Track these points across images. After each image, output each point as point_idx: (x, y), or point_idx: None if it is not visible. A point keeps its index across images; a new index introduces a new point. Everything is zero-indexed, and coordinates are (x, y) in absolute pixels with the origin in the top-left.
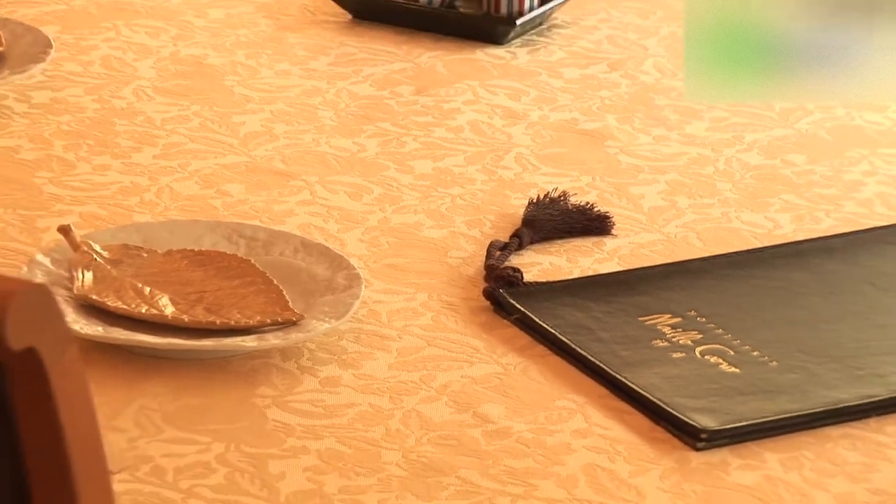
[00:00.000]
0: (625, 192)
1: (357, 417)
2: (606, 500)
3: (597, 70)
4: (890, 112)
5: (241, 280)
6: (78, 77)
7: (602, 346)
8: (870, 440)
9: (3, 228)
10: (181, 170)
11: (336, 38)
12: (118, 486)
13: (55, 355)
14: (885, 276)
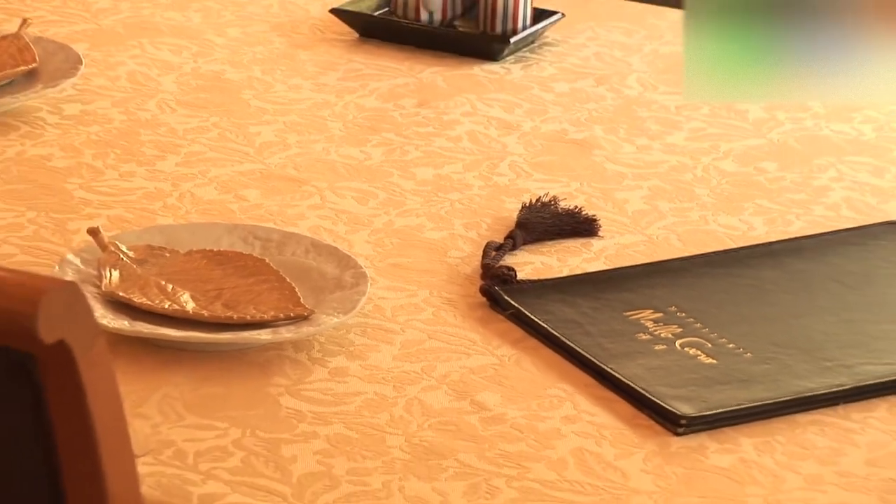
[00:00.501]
0: (610, 196)
1: (363, 405)
2: (594, 482)
3: (584, 84)
4: (856, 122)
5: (256, 278)
6: (106, 91)
7: (589, 339)
8: (837, 426)
9: (37, 230)
10: (201, 176)
11: (344, 55)
12: (143, 468)
13: (84, 348)
14: (852, 274)
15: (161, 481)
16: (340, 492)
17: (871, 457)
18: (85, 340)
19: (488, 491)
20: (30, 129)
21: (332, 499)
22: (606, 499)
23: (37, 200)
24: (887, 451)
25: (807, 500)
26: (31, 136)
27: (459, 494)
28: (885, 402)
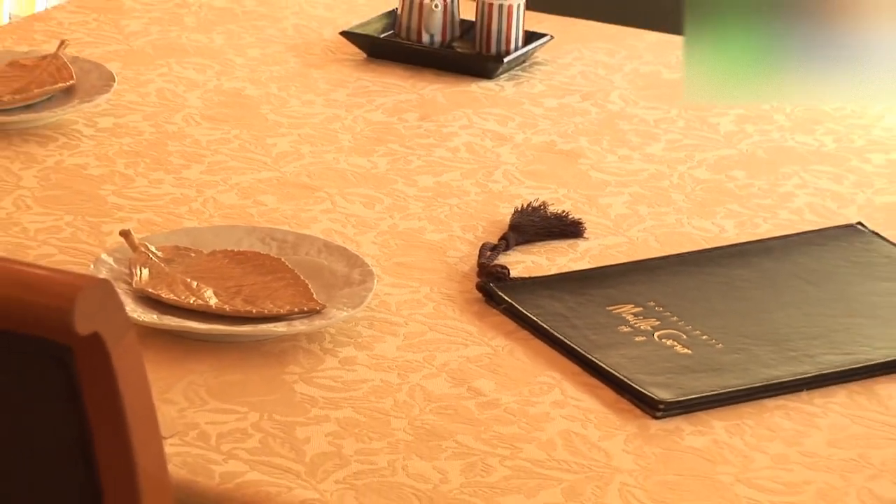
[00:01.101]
0: (595, 202)
1: (370, 391)
2: (579, 461)
3: (571, 100)
4: (818, 134)
5: (273, 276)
6: (136, 106)
7: (576, 332)
8: (801, 410)
9: (74, 232)
10: (223, 183)
11: (353, 73)
12: (169, 448)
13: (116, 340)
14: (814, 272)
15: (186, 460)
16: (349, 470)
17: (832, 438)
18: (117, 333)
19: (483, 469)
20: (67, 140)
21: (342, 476)
22: (591, 476)
23: (73, 205)
24: (847, 433)
25: (773, 478)
26: (68, 147)
27: (457, 472)
28: (844, 388)
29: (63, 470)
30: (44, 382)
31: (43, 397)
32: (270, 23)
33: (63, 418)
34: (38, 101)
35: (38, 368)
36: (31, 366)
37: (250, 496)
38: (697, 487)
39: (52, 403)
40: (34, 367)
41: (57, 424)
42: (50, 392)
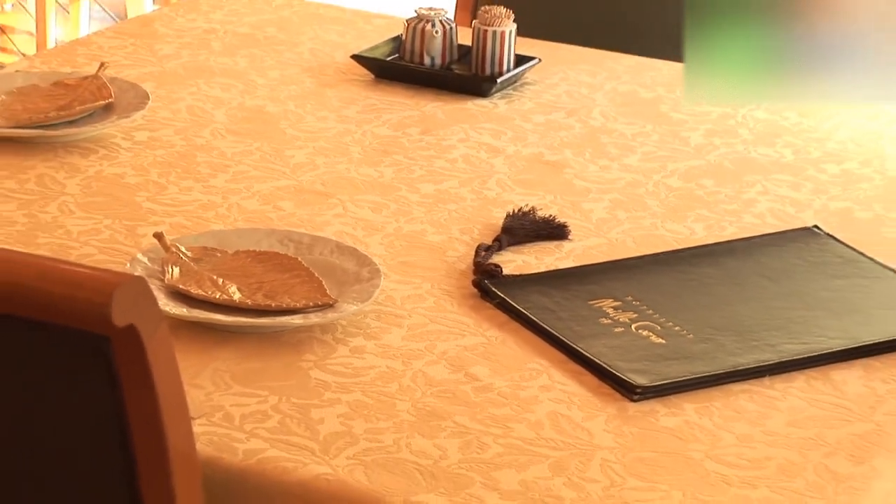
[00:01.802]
0: (578, 207)
1: (377, 376)
2: (565, 439)
3: (557, 116)
4: (777, 147)
5: (290, 273)
6: (169, 121)
7: (561, 323)
8: (763, 394)
9: (112, 234)
10: (246, 191)
11: (362, 92)
12: (197, 428)
13: (150, 331)
14: (775, 270)
15: (213, 439)
16: (359, 447)
17: (791, 419)
18: (151, 325)
19: (479, 447)
20: (106, 152)
21: (352, 453)
22: (575, 453)
23: (112, 210)
24: (805, 414)
25: (739, 454)
26: (107, 158)
27: (456, 450)
28: (802, 374)
29: (101, 448)
30: (85, 370)
31: (84, 384)
32: (288, 47)
33: (102, 402)
34: (81, 117)
35: (79, 358)
36: (73, 355)
37: (270, 471)
38: (670, 463)
39: (92, 389)
40: (76, 357)
41: (96, 408)
42: (90, 379)
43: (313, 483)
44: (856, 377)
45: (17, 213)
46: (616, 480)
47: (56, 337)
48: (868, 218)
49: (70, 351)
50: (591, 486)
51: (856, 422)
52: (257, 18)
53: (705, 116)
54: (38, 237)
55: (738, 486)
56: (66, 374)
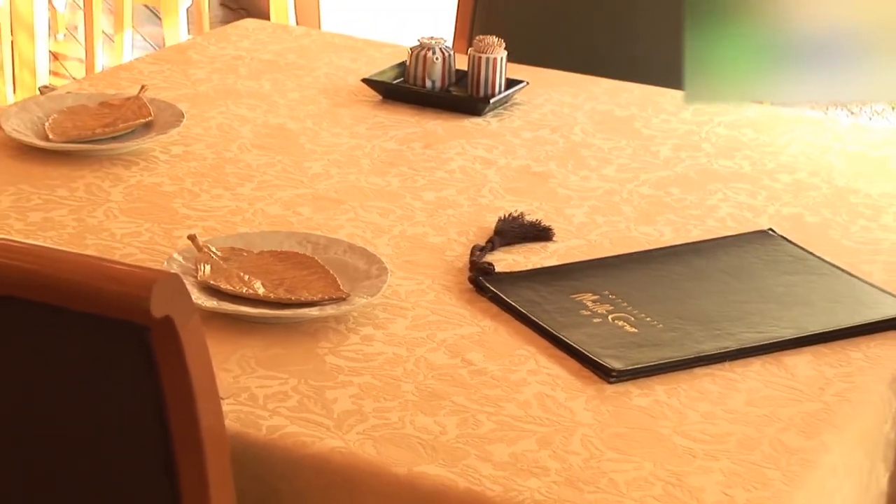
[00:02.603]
0: (561, 212)
1: (385, 361)
2: (550, 416)
3: (543, 132)
4: (736, 159)
5: (308, 270)
6: (201, 137)
7: (546, 315)
8: (724, 377)
9: (151, 237)
10: (269, 198)
11: (371, 111)
12: (226, 407)
13: (184, 321)
14: (734, 267)
15: (240, 416)
16: (368, 424)
17: (749, 399)
18: (185, 316)
19: (474, 423)
20: (146, 164)
21: (363, 429)
22: (559, 429)
23: (151, 215)
24: (760, 395)
25: (702, 430)
26: (147, 170)
27: (454, 426)
28: (758, 359)
29: (141, 425)
30: (127, 356)
31: (126, 368)
32: (307, 72)
33: (142, 385)
34: (123, 134)
35: (122, 345)
36: (117, 343)
37: (290, 445)
38: (642, 438)
39: (134, 373)
40: (120, 345)
41: (137, 389)
42: (132, 364)
43: (328, 455)
44: (805, 362)
45: (68, 217)
46: (595, 453)
47: (102, 327)
48: (816, 222)
49: (114, 339)
50: (572, 458)
51: (806, 402)
52: (279, 47)
53: (673, 132)
54: (86, 238)
55: (702, 458)
56: (111, 359)
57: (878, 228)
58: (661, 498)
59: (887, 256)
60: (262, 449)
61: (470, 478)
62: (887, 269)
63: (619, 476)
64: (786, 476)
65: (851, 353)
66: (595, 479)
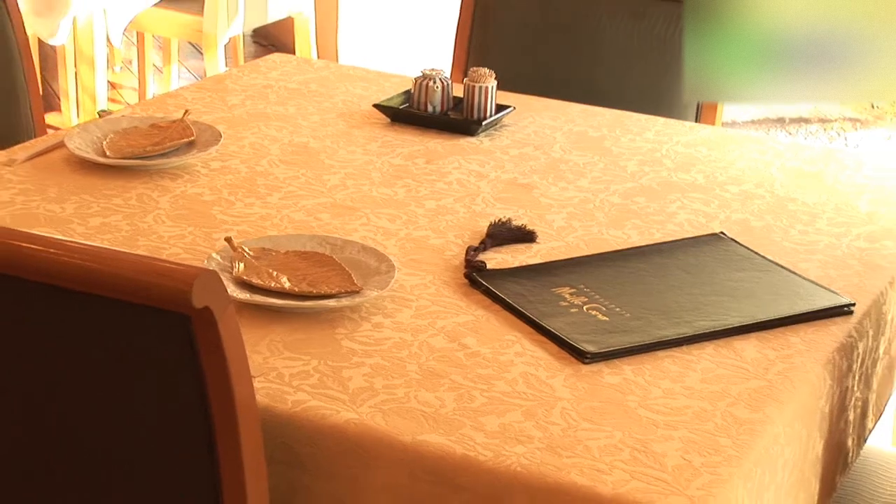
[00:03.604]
0: (543, 218)
1: (392, 346)
2: (533, 392)
3: (527, 150)
4: (692, 172)
5: (327, 268)
6: (236, 154)
7: (530, 305)
8: (682, 358)
9: (194, 239)
10: (294, 206)
11: (381, 132)
12: (257, 384)
13: (221, 311)
14: (691, 265)
15: (268, 392)
16: (378, 399)
17: (703, 377)
18: (221, 306)
19: (469, 398)
20: (189, 177)
21: (374, 403)
22: (541, 403)
23: (194, 221)
24: (714, 374)
25: (664, 403)
26: (190, 182)
27: (451, 400)
28: (711, 344)
29: (183, 401)
30: (172, 342)
31: (171, 352)
32: (326, 98)
33: (184, 366)
34: (170, 151)
35: (167, 332)
36: (162, 330)
37: (311, 416)
38: (612, 410)
39: (177, 356)
40: (165, 331)
41: (180, 371)
42: (175, 348)
43: (344, 426)
44: (752, 346)
45: (122, 222)
46: (572, 424)
47: (150, 316)
48: (761, 226)
49: (160, 327)
50: (553, 428)
51: (752, 380)
52: (303, 77)
53: (638, 150)
54: (137, 240)
55: (663, 427)
56: (157, 344)
57: (813, 232)
58: (629, 462)
59: (821, 256)
60: (287, 420)
61: (465, 445)
62: (822, 266)
63: (592, 443)
64: (735, 443)
65: (791, 338)
66: (572, 445)
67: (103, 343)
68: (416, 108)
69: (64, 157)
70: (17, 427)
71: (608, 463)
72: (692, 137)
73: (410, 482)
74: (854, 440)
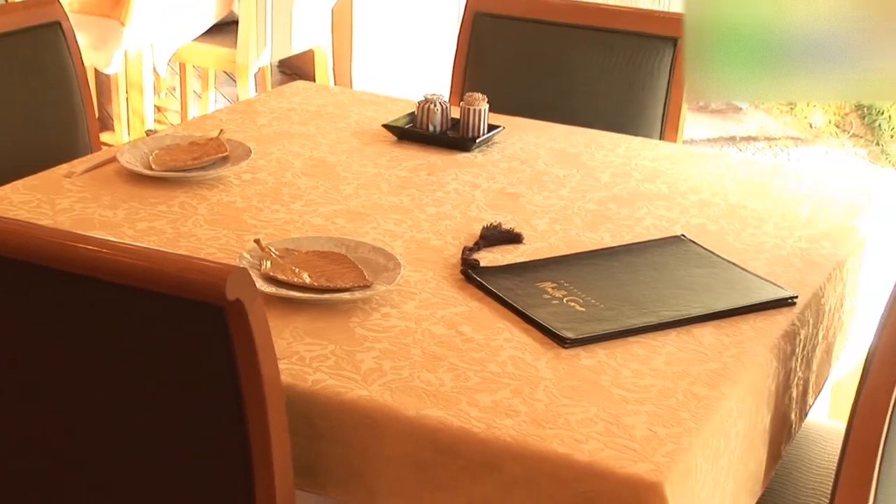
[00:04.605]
0: (529, 223)
1: (399, 333)
2: (520, 373)
3: (515, 164)
4: (657, 183)
5: (342, 265)
6: (264, 167)
7: (518, 298)
8: (649, 344)
9: (227, 241)
10: (314, 212)
11: (389, 148)
12: (282, 365)
13: (250, 302)
14: (656, 263)
15: (291, 372)
16: (387, 378)
17: (667, 360)
18: (251, 299)
19: (464, 378)
20: (224, 187)
21: (383, 382)
22: (527, 382)
23: (227, 225)
24: (676, 357)
25: (633, 383)
26: (225, 191)
27: (450, 380)
28: (674, 331)
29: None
30: (207, 329)
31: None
32: (342, 119)
33: (219, 351)
34: (207, 164)
35: (204, 321)
36: (200, 319)
37: (329, 393)
38: (588, 388)
39: (213, 342)
40: (203, 321)
41: (216, 355)
42: (212, 335)
43: (356, 401)
44: (709, 333)
45: (166, 226)
46: (553, 400)
47: (189, 307)
48: (716, 230)
49: (198, 316)
50: (537, 404)
51: (709, 362)
52: (322, 101)
53: (610, 164)
54: (179, 242)
55: (632, 403)
56: (196, 332)
57: (761, 234)
58: (603, 433)
59: (768, 255)
60: (307, 396)
61: (462, 418)
62: (768, 264)
63: (571, 417)
64: (694, 417)
65: (742, 325)
66: (553, 419)
67: (149, 331)
68: (419, 127)
69: (116, 170)
70: (74, 402)
71: (585, 434)
72: (657, 153)
73: (414, 450)
74: (797, 414)
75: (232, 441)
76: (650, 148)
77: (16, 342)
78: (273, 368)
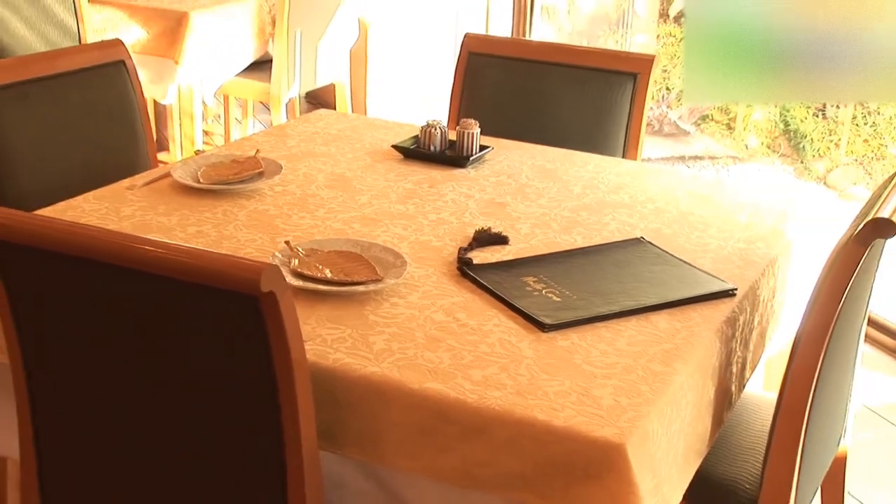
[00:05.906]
0: (514, 227)
1: (405, 319)
2: (507, 352)
3: (502, 178)
4: (621, 194)
5: (357, 262)
6: (293, 181)
7: (505, 290)
8: (614, 328)
9: (262, 242)
10: (334, 218)
11: (397, 165)
12: (307, 346)
13: (281, 294)
14: (620, 261)
15: (315, 352)
16: (395, 357)
17: (629, 342)
18: (282, 291)
19: (460, 357)
20: (259, 198)
21: (392, 360)
22: (513, 360)
23: (262, 229)
24: (636, 339)
25: (601, 361)
26: (260, 201)
27: (447, 358)
28: (635, 317)
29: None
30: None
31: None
32: (357, 141)
33: (254, 336)
34: (246, 179)
35: (242, 310)
36: (238, 308)
37: (346, 370)
38: (563, 365)
39: (249, 328)
40: (240, 309)
41: (251, 339)
42: (248, 322)
43: (370, 376)
44: (664, 319)
45: (211, 230)
46: (534, 376)
47: (229, 298)
48: (670, 233)
49: (237, 306)
50: (521, 378)
51: (664, 343)
52: (341, 126)
53: (581, 178)
54: (222, 243)
55: (600, 378)
56: (235, 318)
57: (707, 237)
58: (576, 403)
59: (713, 254)
60: (329, 372)
61: (458, 390)
62: (713, 262)
63: (549, 389)
64: (652, 389)
65: (691, 313)
66: (534, 391)
67: (196, 317)
68: (423, 148)
69: (170, 183)
70: (131, 377)
71: (561, 404)
72: (620, 169)
73: (418, 418)
74: (736, 386)
75: (265, 409)
76: (615, 165)
77: (85, 330)
78: (300, 349)
